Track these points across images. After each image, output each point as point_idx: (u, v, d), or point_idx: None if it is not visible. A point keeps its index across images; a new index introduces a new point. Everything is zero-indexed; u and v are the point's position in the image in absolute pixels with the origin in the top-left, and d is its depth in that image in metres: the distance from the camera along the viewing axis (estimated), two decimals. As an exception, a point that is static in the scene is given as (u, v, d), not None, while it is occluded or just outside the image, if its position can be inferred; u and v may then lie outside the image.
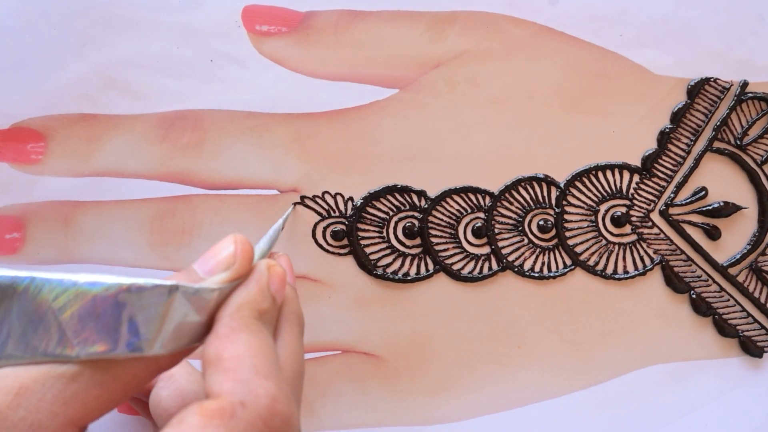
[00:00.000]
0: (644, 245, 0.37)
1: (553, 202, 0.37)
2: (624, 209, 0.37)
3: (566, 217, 0.37)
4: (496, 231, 0.37)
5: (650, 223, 0.37)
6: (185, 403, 0.28)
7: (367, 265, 0.36)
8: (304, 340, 0.36)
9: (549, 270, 0.36)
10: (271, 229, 0.31)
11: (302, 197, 0.36)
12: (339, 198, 0.36)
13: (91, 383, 0.21)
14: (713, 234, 0.36)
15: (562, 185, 0.37)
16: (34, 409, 0.21)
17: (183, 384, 0.29)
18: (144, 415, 0.33)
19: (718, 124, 0.37)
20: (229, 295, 0.24)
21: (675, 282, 0.36)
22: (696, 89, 0.36)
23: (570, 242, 0.36)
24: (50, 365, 0.21)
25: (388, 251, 0.36)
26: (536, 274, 0.36)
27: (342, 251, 0.36)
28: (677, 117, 0.37)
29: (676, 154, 0.37)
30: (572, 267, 0.36)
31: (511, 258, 0.36)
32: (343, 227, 0.36)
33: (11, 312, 0.22)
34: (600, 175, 0.37)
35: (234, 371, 0.22)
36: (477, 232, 0.37)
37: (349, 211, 0.36)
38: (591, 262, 0.36)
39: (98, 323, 0.22)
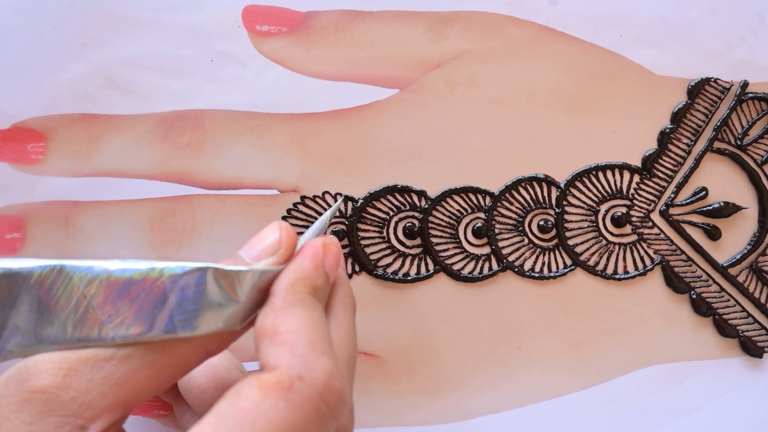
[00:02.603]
0: (644, 245, 0.37)
1: (554, 202, 0.37)
2: (624, 209, 0.37)
3: (566, 217, 0.37)
4: (497, 231, 0.37)
5: (650, 224, 0.37)
6: (217, 380, 0.28)
7: (367, 265, 0.36)
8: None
9: (549, 270, 0.36)
10: (318, 220, 0.32)
11: (302, 197, 0.36)
12: (339, 198, 0.36)
13: (140, 365, 0.22)
14: (713, 234, 0.36)
15: (562, 185, 0.37)
16: (84, 390, 0.21)
17: (214, 361, 0.29)
18: (165, 396, 0.32)
19: (719, 124, 0.37)
20: (273, 280, 0.24)
21: (675, 282, 0.36)
22: (696, 89, 0.36)
23: (570, 242, 0.36)
24: (98, 349, 0.22)
25: (388, 251, 0.36)
26: (536, 274, 0.36)
27: (343, 251, 0.36)
28: (677, 117, 0.37)
29: (676, 154, 0.37)
30: (572, 267, 0.36)
31: (511, 258, 0.36)
32: (344, 227, 0.36)
33: (21, 302, 0.22)
34: (600, 175, 0.37)
35: (291, 345, 0.22)
36: (477, 232, 0.37)
37: (350, 211, 0.36)
38: (591, 263, 0.36)
39: (133, 307, 0.22)
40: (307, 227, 0.36)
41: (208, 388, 0.28)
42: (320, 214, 0.36)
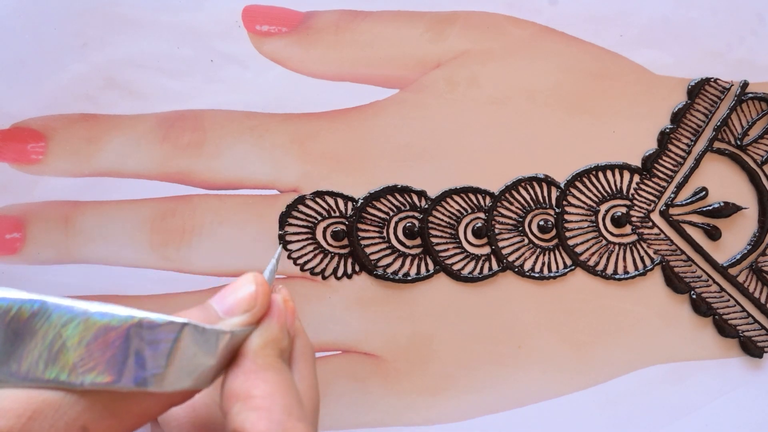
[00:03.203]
0: (644, 245, 0.37)
1: (554, 202, 0.37)
2: (624, 209, 0.37)
3: (566, 217, 0.37)
4: (497, 231, 0.37)
5: (650, 224, 0.37)
6: (196, 416, 0.28)
7: (367, 266, 0.36)
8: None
9: (549, 270, 0.36)
10: (269, 263, 0.31)
11: (302, 197, 0.36)
12: (339, 198, 0.36)
13: (104, 414, 0.22)
14: (713, 234, 0.36)
15: (562, 185, 0.37)
16: None
17: (195, 398, 0.29)
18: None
19: (719, 124, 0.37)
20: (243, 340, 0.24)
21: (675, 282, 0.36)
22: (696, 89, 0.36)
23: (570, 242, 0.36)
24: (64, 392, 0.21)
25: (388, 251, 0.36)
26: (536, 275, 0.36)
27: (342, 251, 0.36)
28: (677, 117, 0.37)
29: (676, 154, 0.37)
30: (572, 267, 0.36)
31: (511, 258, 0.36)
32: (344, 227, 0.36)
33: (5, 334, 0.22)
34: (600, 175, 0.37)
35: (268, 410, 0.22)
36: (477, 233, 0.37)
37: (350, 211, 0.36)
38: (591, 263, 0.36)
39: (106, 354, 0.22)
40: (306, 227, 0.36)
41: (186, 423, 0.28)
42: (325, 214, 0.36)
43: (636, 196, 0.37)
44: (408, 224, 0.36)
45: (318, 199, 0.36)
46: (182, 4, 0.36)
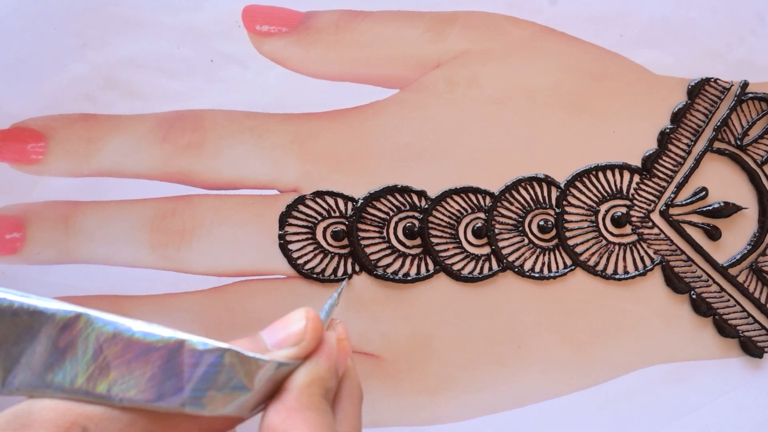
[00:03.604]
0: (644, 245, 0.37)
1: (554, 202, 0.37)
2: (624, 209, 0.37)
3: (566, 217, 0.37)
4: (497, 231, 0.37)
5: (650, 224, 0.37)
6: None
7: (367, 266, 0.36)
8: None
9: (549, 270, 0.36)
10: (330, 298, 0.31)
11: (302, 197, 0.36)
12: (339, 198, 0.36)
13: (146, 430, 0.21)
14: (713, 234, 0.36)
15: (562, 185, 0.37)
16: None
17: None
18: None
19: (719, 124, 0.37)
20: (288, 373, 0.24)
21: (675, 282, 0.36)
22: (696, 89, 0.36)
23: (570, 242, 0.36)
24: (104, 407, 0.21)
25: (388, 251, 0.36)
26: (536, 275, 0.36)
27: (342, 251, 0.36)
28: (677, 117, 0.37)
29: (676, 154, 0.37)
30: (572, 267, 0.36)
31: (511, 258, 0.36)
32: (344, 227, 0.36)
33: (39, 342, 0.22)
34: (600, 175, 0.37)
35: None
36: (477, 233, 0.37)
37: (350, 211, 0.36)
38: (591, 263, 0.36)
39: (147, 372, 0.22)
40: (306, 228, 0.36)
41: None
42: (325, 214, 0.36)
43: (636, 196, 0.37)
44: (408, 224, 0.36)
45: (318, 199, 0.36)
46: (182, 4, 0.36)
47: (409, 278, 0.36)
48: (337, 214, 0.36)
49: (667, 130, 0.36)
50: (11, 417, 0.21)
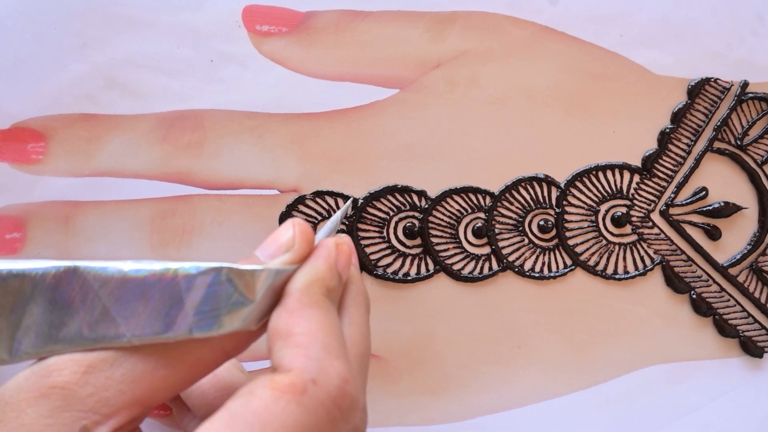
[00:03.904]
0: (644, 245, 0.37)
1: (554, 202, 0.37)
2: (624, 209, 0.37)
3: (566, 217, 0.37)
4: (497, 231, 0.37)
5: (650, 224, 0.37)
6: (218, 382, 0.28)
7: (367, 265, 0.36)
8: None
9: (549, 270, 0.36)
10: (329, 220, 0.31)
11: (302, 197, 0.36)
12: (339, 198, 0.36)
13: (159, 364, 0.22)
14: (714, 234, 0.36)
15: (562, 185, 0.37)
16: (102, 387, 0.21)
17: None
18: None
19: (719, 124, 0.37)
20: (287, 280, 0.24)
21: (675, 282, 0.36)
22: (696, 89, 0.36)
23: (570, 242, 0.36)
24: (117, 351, 0.22)
25: (388, 251, 0.36)
26: (537, 274, 0.36)
27: (355, 249, 0.36)
28: (677, 117, 0.37)
29: (676, 154, 0.37)
30: (572, 267, 0.36)
31: (511, 258, 0.36)
32: (344, 227, 0.36)
33: (35, 303, 0.22)
34: (600, 175, 0.37)
35: (306, 347, 0.22)
36: (477, 232, 0.37)
37: (350, 212, 0.36)
38: (591, 263, 0.36)
39: (147, 307, 0.22)
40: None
41: (209, 390, 0.28)
42: (325, 214, 0.36)
43: (636, 196, 0.37)
44: (408, 224, 0.36)
45: (318, 199, 0.36)
46: (182, 4, 0.36)
47: (409, 278, 0.36)
48: (349, 214, 0.36)
49: (667, 130, 0.37)
50: (29, 374, 0.22)
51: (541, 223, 0.37)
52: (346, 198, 0.36)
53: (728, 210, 0.36)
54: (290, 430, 0.21)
